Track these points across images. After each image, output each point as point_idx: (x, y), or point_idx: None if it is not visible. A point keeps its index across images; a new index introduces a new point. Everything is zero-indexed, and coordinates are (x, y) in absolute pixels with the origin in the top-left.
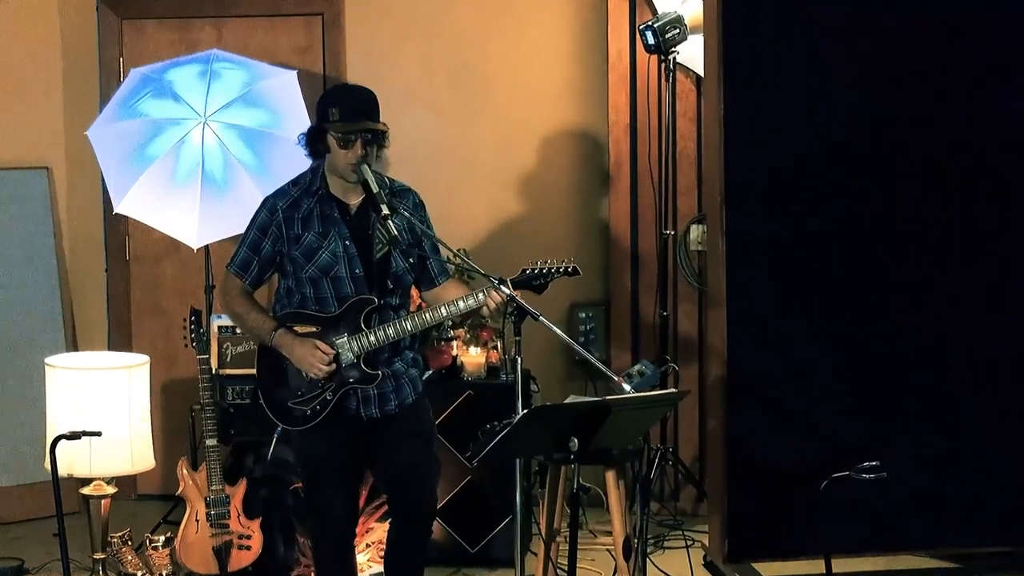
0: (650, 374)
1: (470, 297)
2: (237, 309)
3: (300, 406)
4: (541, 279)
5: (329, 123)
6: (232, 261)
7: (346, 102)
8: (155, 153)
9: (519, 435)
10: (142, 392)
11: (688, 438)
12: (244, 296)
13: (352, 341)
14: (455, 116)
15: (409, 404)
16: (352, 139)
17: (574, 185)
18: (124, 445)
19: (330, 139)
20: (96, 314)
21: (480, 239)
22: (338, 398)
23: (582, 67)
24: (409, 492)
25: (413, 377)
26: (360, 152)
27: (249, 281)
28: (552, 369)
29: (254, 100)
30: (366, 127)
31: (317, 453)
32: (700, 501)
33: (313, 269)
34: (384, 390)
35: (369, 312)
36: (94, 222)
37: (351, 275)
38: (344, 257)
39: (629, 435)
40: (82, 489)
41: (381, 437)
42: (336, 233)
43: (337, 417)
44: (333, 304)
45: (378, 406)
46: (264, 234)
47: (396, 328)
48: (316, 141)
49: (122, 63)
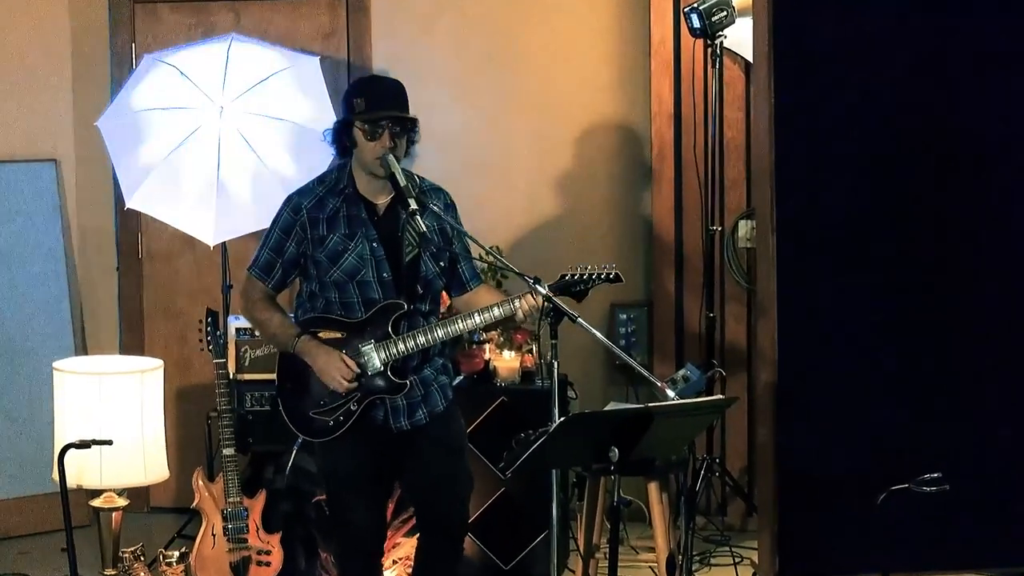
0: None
1: (505, 303)
2: (259, 315)
3: (322, 416)
4: (581, 285)
5: (355, 114)
6: (254, 263)
7: (372, 91)
8: (169, 144)
9: (555, 445)
10: (155, 398)
11: (736, 448)
12: (266, 300)
13: (379, 349)
14: (488, 106)
15: (439, 413)
16: (379, 130)
17: (614, 179)
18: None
19: (356, 132)
20: (107, 315)
21: (514, 236)
22: (363, 408)
23: (623, 53)
24: (439, 506)
25: (443, 384)
26: (388, 143)
27: (272, 284)
28: (591, 374)
29: (274, 88)
30: (393, 116)
31: (341, 467)
32: (749, 515)
33: (338, 273)
34: (412, 399)
35: (398, 318)
36: (105, 218)
37: (379, 279)
38: (371, 260)
39: (673, 445)
40: (92, 501)
41: (409, 448)
42: (363, 235)
43: (362, 428)
44: (360, 309)
45: (407, 416)
46: (287, 235)
47: (427, 336)
48: (342, 136)
49: (134, 49)
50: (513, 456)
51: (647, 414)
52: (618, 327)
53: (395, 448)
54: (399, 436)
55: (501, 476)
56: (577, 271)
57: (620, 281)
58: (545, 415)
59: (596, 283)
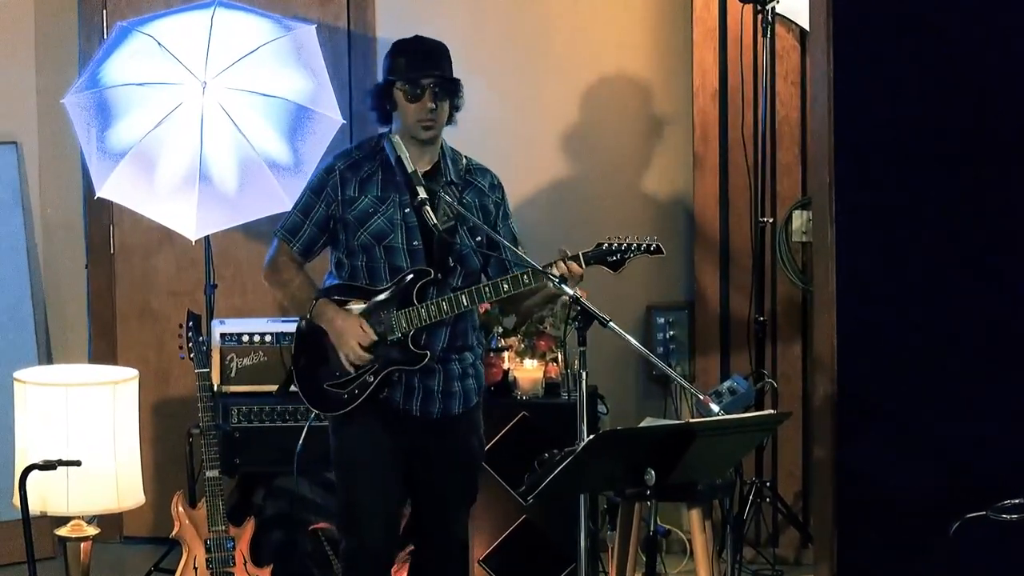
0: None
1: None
2: (282, 275)
3: (337, 389)
4: (619, 254)
5: (395, 74)
6: (281, 225)
7: (414, 51)
8: (145, 125)
9: (584, 466)
10: (130, 413)
11: (789, 470)
12: (292, 264)
13: (401, 315)
14: (508, 80)
15: (455, 416)
16: (420, 90)
17: (650, 164)
18: (108, 477)
19: (397, 94)
20: (75, 319)
21: (536, 229)
22: (380, 382)
23: (661, 20)
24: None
25: (468, 388)
26: (430, 103)
27: (298, 248)
28: (624, 386)
29: (264, 60)
30: (436, 75)
31: (356, 451)
32: (804, 547)
33: (365, 235)
34: (430, 384)
35: (424, 286)
36: (72, 208)
37: (408, 247)
38: (402, 226)
39: (717, 466)
40: (58, 530)
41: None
42: (396, 200)
43: (378, 409)
44: (385, 277)
45: (420, 401)
46: (318, 196)
47: (451, 302)
48: (383, 99)
49: (105, 16)
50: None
51: (688, 431)
52: (655, 332)
53: (407, 442)
54: (411, 426)
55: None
56: (616, 240)
57: (661, 253)
58: (572, 432)
59: (635, 254)
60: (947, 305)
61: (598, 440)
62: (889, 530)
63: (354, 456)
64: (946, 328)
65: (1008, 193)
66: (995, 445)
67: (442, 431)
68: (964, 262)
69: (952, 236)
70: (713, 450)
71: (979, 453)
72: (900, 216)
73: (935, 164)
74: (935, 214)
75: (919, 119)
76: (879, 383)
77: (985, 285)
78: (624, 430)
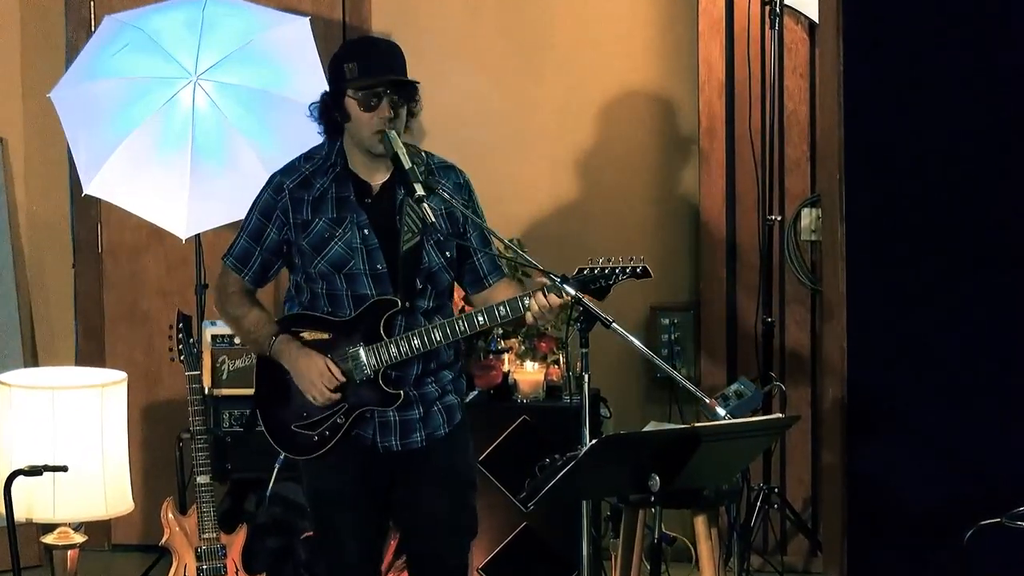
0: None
1: (513, 301)
2: (233, 310)
3: (306, 431)
4: (602, 281)
5: (347, 81)
6: (229, 252)
7: (365, 55)
8: (134, 120)
9: (586, 472)
10: (118, 417)
11: (798, 476)
12: (242, 295)
13: (369, 353)
14: (507, 73)
15: (440, 438)
16: (376, 98)
17: (655, 159)
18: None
19: (349, 103)
20: (61, 320)
21: (536, 227)
22: (351, 422)
23: (665, 11)
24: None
25: (450, 405)
26: (387, 113)
27: (249, 277)
28: (627, 389)
29: (257, 54)
30: (393, 80)
31: (328, 489)
32: (813, 555)
33: (323, 264)
34: (408, 417)
35: (391, 317)
36: (59, 206)
37: (371, 272)
38: (362, 250)
39: (724, 472)
40: (44, 537)
41: (403, 477)
42: (353, 220)
43: (350, 446)
44: (348, 306)
45: (399, 437)
46: (268, 219)
47: (423, 338)
48: (332, 110)
49: (94, 8)
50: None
51: (693, 436)
52: (660, 333)
53: (387, 475)
54: (390, 459)
55: (523, 508)
56: (597, 265)
57: (648, 276)
58: (574, 437)
59: (619, 279)
60: (960, 306)
61: (601, 445)
62: (901, 537)
63: (326, 497)
64: (959, 329)
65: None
66: (1010, 449)
67: (426, 455)
68: (979, 262)
69: (967, 235)
70: (719, 455)
71: (993, 457)
72: (912, 214)
73: (948, 161)
74: (949, 212)
75: (932, 114)
76: (890, 386)
77: (1000, 286)
78: (628, 434)
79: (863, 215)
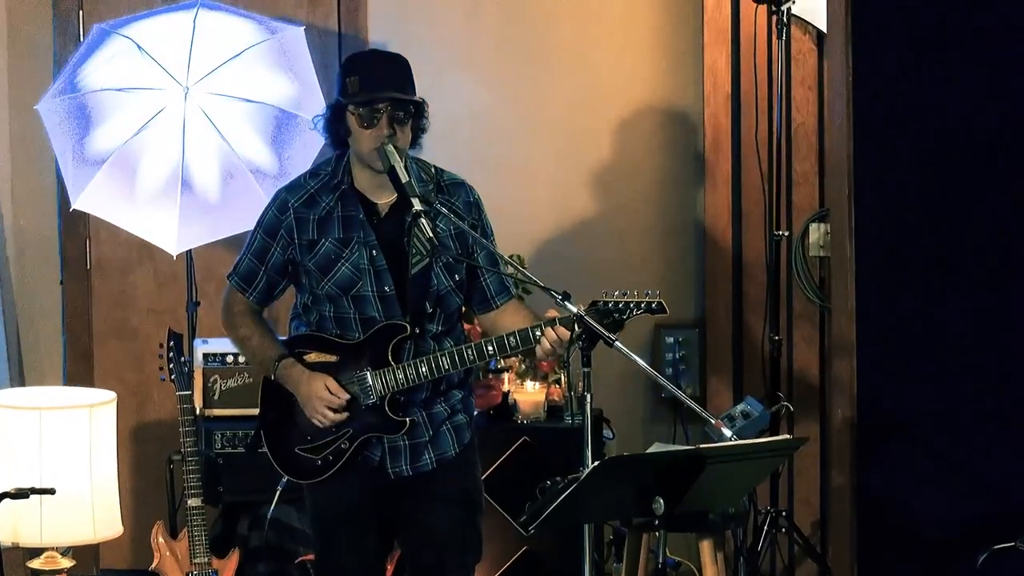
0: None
1: (524, 331)
2: (239, 331)
3: (309, 454)
4: (616, 315)
5: (348, 97)
6: (234, 270)
7: (367, 69)
8: (123, 132)
9: (588, 494)
10: (107, 438)
11: (806, 498)
12: (249, 316)
13: (376, 378)
14: (507, 84)
15: (450, 459)
16: (376, 116)
17: (658, 173)
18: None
19: (350, 117)
20: (49, 338)
21: (538, 244)
22: (356, 447)
23: (670, 21)
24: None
25: (459, 425)
26: (386, 131)
27: (254, 297)
28: (631, 409)
29: (250, 63)
30: (392, 97)
31: (330, 511)
32: None
33: (330, 285)
34: (417, 440)
35: (399, 342)
36: (46, 221)
37: (379, 294)
38: (370, 271)
39: (730, 494)
40: (31, 562)
41: (409, 498)
42: (360, 241)
43: (355, 468)
44: (356, 328)
45: (409, 461)
46: (272, 238)
47: (430, 365)
48: (336, 123)
49: (82, 17)
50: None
51: (699, 457)
52: (664, 352)
53: (393, 495)
54: (398, 482)
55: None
56: (612, 298)
57: (663, 312)
58: (576, 458)
59: (634, 314)
60: (972, 323)
61: (603, 467)
62: (913, 562)
63: (328, 519)
64: (971, 347)
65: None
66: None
67: (435, 475)
68: (992, 277)
69: (979, 250)
70: (725, 477)
71: (1008, 479)
72: (923, 229)
73: (959, 174)
74: (960, 227)
75: (942, 127)
76: (901, 406)
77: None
78: (631, 456)
79: (873, 230)
